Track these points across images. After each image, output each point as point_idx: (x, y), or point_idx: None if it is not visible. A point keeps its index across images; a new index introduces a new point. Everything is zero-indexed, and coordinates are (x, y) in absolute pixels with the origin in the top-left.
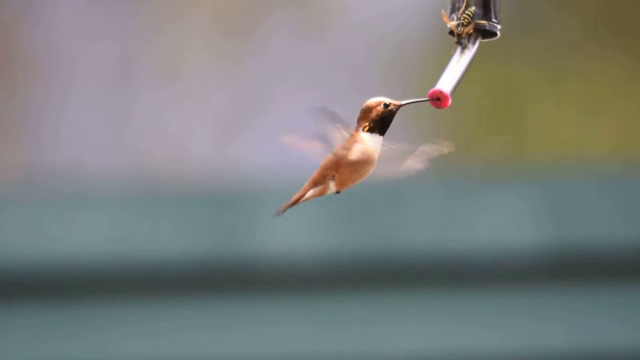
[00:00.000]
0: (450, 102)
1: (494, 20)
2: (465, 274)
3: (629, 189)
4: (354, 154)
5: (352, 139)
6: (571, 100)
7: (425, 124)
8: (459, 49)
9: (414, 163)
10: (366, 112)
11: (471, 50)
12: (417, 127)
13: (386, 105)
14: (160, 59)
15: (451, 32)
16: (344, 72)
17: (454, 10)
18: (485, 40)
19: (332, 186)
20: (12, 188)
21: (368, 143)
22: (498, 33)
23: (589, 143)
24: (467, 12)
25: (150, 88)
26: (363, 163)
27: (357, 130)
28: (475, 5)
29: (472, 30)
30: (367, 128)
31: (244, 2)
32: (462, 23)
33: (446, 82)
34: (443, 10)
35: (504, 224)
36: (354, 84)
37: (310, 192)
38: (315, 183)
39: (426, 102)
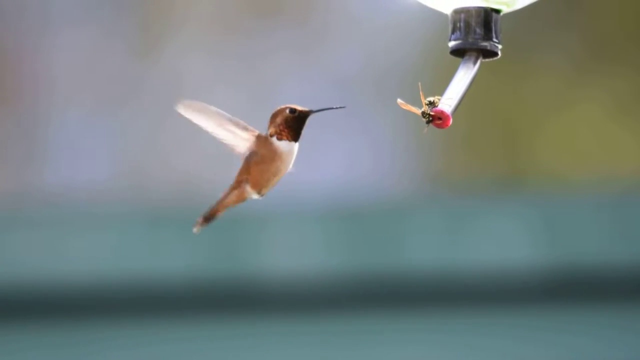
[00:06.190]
0: (451, 122)
1: (494, 40)
2: (464, 294)
3: (625, 210)
4: (257, 154)
5: (257, 140)
6: (568, 123)
7: (422, 142)
8: (461, 68)
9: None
10: (273, 116)
11: (472, 70)
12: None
13: (292, 111)
14: (160, 80)
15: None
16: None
17: (454, 31)
18: (487, 60)
19: (248, 189)
20: (12, 208)
21: (273, 143)
22: (499, 53)
23: (586, 164)
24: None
25: (151, 108)
26: (270, 162)
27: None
28: (476, 26)
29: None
30: (272, 131)
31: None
32: (431, 104)
33: (447, 102)
34: (400, 100)
35: (503, 244)
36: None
37: (229, 199)
38: (232, 189)
39: (338, 109)
